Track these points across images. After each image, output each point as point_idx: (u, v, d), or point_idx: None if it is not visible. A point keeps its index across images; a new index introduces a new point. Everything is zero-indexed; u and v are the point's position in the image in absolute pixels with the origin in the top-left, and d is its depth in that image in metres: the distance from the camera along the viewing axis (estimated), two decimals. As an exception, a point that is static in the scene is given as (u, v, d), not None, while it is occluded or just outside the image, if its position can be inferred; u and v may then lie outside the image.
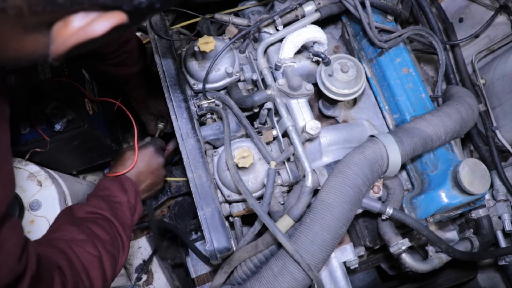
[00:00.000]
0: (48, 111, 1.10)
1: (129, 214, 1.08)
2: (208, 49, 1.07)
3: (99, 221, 0.99)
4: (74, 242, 0.89)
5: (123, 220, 1.05)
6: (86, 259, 0.88)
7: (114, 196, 1.08)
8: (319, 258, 0.92)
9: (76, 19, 0.47)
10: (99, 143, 1.28)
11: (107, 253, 0.94)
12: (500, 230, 1.26)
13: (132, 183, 1.15)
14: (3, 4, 0.43)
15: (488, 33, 1.42)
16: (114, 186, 1.11)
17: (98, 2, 0.46)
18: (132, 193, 1.13)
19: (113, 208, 1.05)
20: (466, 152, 1.48)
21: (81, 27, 0.48)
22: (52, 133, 1.12)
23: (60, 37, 0.48)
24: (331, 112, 1.26)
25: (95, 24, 0.48)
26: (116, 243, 0.99)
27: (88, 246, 0.90)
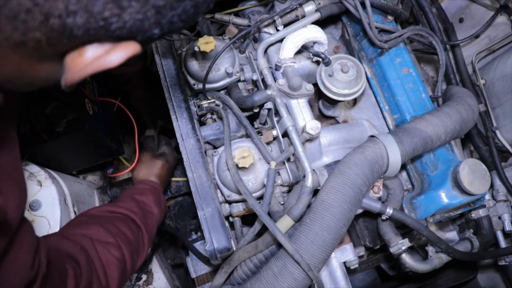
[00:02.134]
0: (48, 111, 1.10)
1: (155, 226, 1.12)
2: (208, 49, 1.07)
3: (129, 224, 1.02)
4: (99, 242, 0.91)
5: (150, 230, 1.07)
6: (108, 259, 0.89)
7: (149, 205, 1.12)
8: (319, 258, 0.92)
9: (90, 49, 0.49)
10: (99, 143, 1.28)
11: (130, 256, 0.95)
12: (500, 230, 1.26)
13: (164, 198, 1.21)
14: (24, 38, 0.45)
15: (488, 33, 1.42)
16: (150, 195, 1.15)
17: (113, 35, 0.48)
18: (163, 207, 1.18)
19: (145, 216, 1.08)
20: (466, 152, 1.48)
21: (97, 57, 0.49)
22: (52, 133, 1.12)
23: (76, 66, 0.50)
24: (331, 112, 1.26)
25: (111, 55, 0.49)
26: (138, 250, 1.01)
27: (112, 248, 0.91)
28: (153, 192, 1.17)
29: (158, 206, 1.14)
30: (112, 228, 0.96)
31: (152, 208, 1.12)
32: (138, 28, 0.48)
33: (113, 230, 0.96)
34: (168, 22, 0.49)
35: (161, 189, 1.22)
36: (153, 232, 1.10)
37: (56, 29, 0.45)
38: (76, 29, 0.45)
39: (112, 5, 0.44)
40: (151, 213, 1.11)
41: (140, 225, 1.04)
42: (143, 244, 1.03)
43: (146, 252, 1.04)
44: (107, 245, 0.91)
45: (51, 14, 0.43)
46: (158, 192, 1.19)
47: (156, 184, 1.21)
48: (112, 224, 0.98)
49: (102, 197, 1.42)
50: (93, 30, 0.46)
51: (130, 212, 1.04)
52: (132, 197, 1.11)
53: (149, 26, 0.48)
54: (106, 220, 1.00)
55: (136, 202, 1.09)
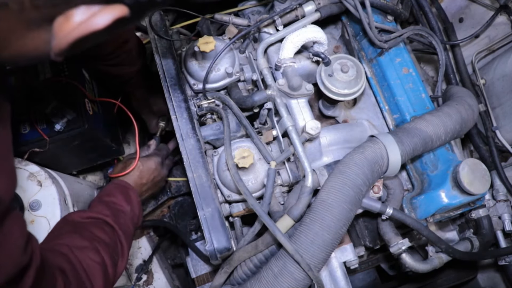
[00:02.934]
0: (48, 111, 1.10)
1: (130, 224, 1.09)
2: (208, 49, 1.07)
3: (103, 226, 1.00)
4: (76, 248, 0.89)
5: (125, 229, 1.05)
6: (89, 265, 0.88)
7: (119, 204, 1.10)
8: (319, 258, 0.92)
9: (78, 13, 0.47)
10: (99, 143, 1.28)
11: (110, 258, 0.94)
12: (500, 230, 1.26)
13: (136, 194, 1.17)
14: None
15: (488, 33, 1.42)
16: (119, 194, 1.12)
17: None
18: (136, 204, 1.14)
19: (116, 215, 1.06)
20: (466, 152, 1.48)
21: (83, 21, 0.47)
22: (52, 133, 1.12)
23: (62, 31, 0.48)
24: (331, 112, 1.26)
25: (97, 17, 0.48)
26: (116, 250, 1.00)
27: (90, 252, 0.90)
28: (121, 190, 1.14)
29: (129, 204, 1.11)
30: (86, 233, 0.95)
31: (122, 206, 1.09)
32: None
33: (87, 235, 0.95)
34: None
35: (130, 187, 1.18)
36: (129, 230, 1.07)
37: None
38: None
39: None
40: (122, 211, 1.08)
41: (113, 225, 1.02)
42: (121, 244, 1.02)
43: (127, 252, 1.03)
44: (85, 250, 0.90)
45: None
46: (126, 190, 1.16)
47: (123, 182, 1.18)
48: (86, 229, 0.96)
49: (102, 197, 1.41)
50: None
51: (101, 214, 1.02)
52: (101, 200, 1.10)
53: None
54: (79, 226, 0.98)
55: (105, 204, 1.08)
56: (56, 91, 1.15)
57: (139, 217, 1.15)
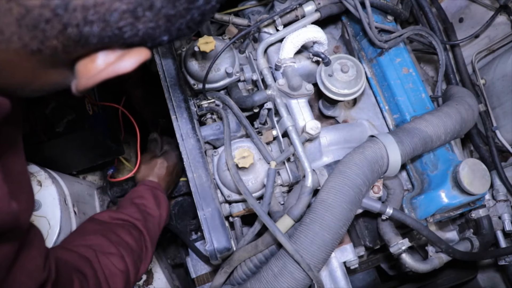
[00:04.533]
0: (48, 111, 1.10)
1: (157, 229, 1.10)
2: (208, 49, 1.07)
3: (131, 230, 1.01)
4: (102, 253, 0.90)
5: (152, 234, 1.06)
6: (111, 271, 0.89)
7: (149, 207, 1.10)
8: (319, 258, 0.92)
9: (101, 56, 0.50)
10: (99, 143, 1.28)
11: (133, 265, 0.95)
12: (500, 230, 1.26)
13: (165, 198, 1.18)
14: (41, 46, 0.46)
15: (488, 33, 1.42)
16: (150, 197, 1.13)
17: (126, 42, 0.49)
18: (165, 208, 1.15)
19: (146, 219, 1.06)
20: (466, 152, 1.48)
21: (109, 63, 0.51)
22: (52, 133, 1.12)
23: (88, 72, 0.51)
24: (331, 112, 1.26)
25: (124, 61, 0.51)
26: (141, 255, 1.00)
27: (115, 259, 0.91)
28: (151, 192, 1.15)
29: (158, 207, 1.13)
30: (113, 237, 0.96)
31: (152, 210, 1.11)
32: (150, 35, 0.50)
33: (115, 239, 0.95)
34: (176, 29, 0.51)
35: (161, 188, 1.20)
36: (155, 235, 1.09)
37: (72, 38, 0.46)
38: (92, 37, 0.47)
39: (128, 15, 0.46)
40: (152, 216, 1.10)
41: (142, 230, 1.03)
42: (146, 249, 1.03)
43: (150, 257, 1.04)
44: (110, 256, 0.91)
45: (69, 23, 0.44)
46: (157, 191, 1.17)
47: (154, 184, 1.20)
48: (114, 233, 0.97)
49: (102, 197, 1.42)
50: (107, 38, 0.47)
51: (131, 217, 1.03)
52: (132, 202, 1.10)
53: (160, 33, 0.50)
54: (107, 228, 0.99)
55: (136, 207, 1.08)
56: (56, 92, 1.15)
57: (166, 220, 1.16)
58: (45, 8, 0.42)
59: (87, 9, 0.44)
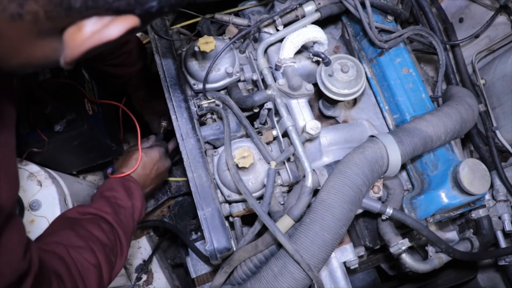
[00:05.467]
0: (48, 111, 1.10)
1: (131, 220, 1.06)
2: (208, 49, 1.07)
3: (101, 224, 0.98)
4: (72, 248, 0.88)
5: (125, 226, 1.03)
6: (84, 266, 0.86)
7: (120, 199, 1.06)
8: (319, 258, 0.92)
9: (89, 23, 0.48)
10: (99, 143, 1.28)
11: (106, 260, 0.92)
12: (500, 230, 1.26)
13: (138, 188, 1.13)
14: (20, 10, 0.44)
15: (488, 33, 1.42)
16: (120, 188, 1.09)
17: (112, 7, 0.48)
18: (138, 198, 1.11)
19: (117, 212, 1.03)
20: (466, 152, 1.48)
21: (96, 31, 0.49)
22: (51, 133, 1.12)
23: (75, 41, 0.49)
24: (331, 112, 1.26)
25: (110, 28, 0.49)
26: (115, 249, 0.97)
27: (86, 253, 0.88)
28: (122, 184, 1.10)
29: (130, 198, 1.08)
30: (82, 231, 0.93)
31: (123, 201, 1.06)
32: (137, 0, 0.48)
33: (84, 233, 0.92)
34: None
35: (133, 179, 1.14)
36: (129, 227, 1.04)
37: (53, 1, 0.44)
38: (74, 1, 0.45)
39: None
40: (123, 207, 1.05)
41: (113, 224, 0.99)
42: (120, 243, 0.99)
43: (126, 250, 1.00)
44: (80, 250, 0.88)
45: None
46: (128, 182, 1.12)
47: (127, 176, 1.15)
48: (83, 227, 0.94)
49: (102, 197, 1.41)
50: (91, 1, 0.46)
51: (101, 211, 1.00)
52: (102, 195, 1.07)
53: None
54: (76, 223, 0.96)
55: (105, 199, 1.04)
56: (55, 92, 1.15)
57: (142, 211, 1.11)
58: None
59: None
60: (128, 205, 1.07)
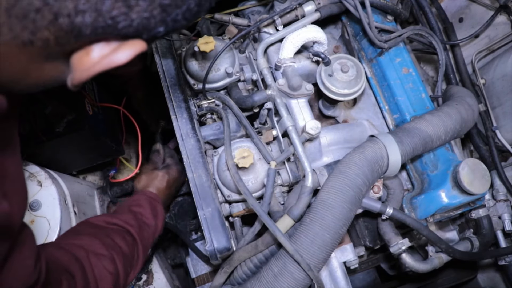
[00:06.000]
0: (48, 111, 1.10)
1: (151, 238, 1.09)
2: (208, 49, 1.07)
3: (126, 236, 1.00)
4: (94, 254, 0.89)
5: (145, 243, 1.05)
6: (101, 274, 0.88)
7: (146, 217, 1.09)
8: (319, 258, 0.92)
9: (97, 48, 0.49)
10: (99, 143, 1.28)
11: (124, 270, 0.94)
12: (500, 230, 1.26)
13: (162, 210, 1.17)
14: (32, 37, 0.45)
15: (488, 33, 1.42)
16: (147, 207, 1.12)
17: (120, 33, 0.48)
18: (161, 219, 1.14)
19: (141, 228, 1.05)
20: (466, 152, 1.48)
21: (104, 56, 0.50)
22: (51, 133, 1.12)
23: (83, 65, 0.50)
24: (331, 112, 1.26)
25: (118, 53, 0.50)
26: (132, 262, 0.99)
27: (106, 261, 0.90)
28: (150, 203, 1.14)
29: (154, 218, 1.11)
30: (107, 240, 0.95)
31: (148, 219, 1.10)
32: (144, 26, 0.49)
33: (108, 242, 0.94)
34: (172, 20, 0.50)
35: (159, 200, 1.19)
36: (148, 244, 1.08)
37: (64, 28, 0.45)
38: (84, 28, 0.46)
39: (120, 4, 0.45)
40: (147, 225, 1.08)
41: (136, 238, 1.02)
42: (138, 257, 1.01)
43: (140, 265, 1.03)
44: (101, 258, 0.90)
45: (60, 13, 0.43)
46: (155, 202, 1.16)
47: (153, 195, 1.19)
48: (108, 236, 0.96)
49: (102, 197, 1.41)
50: (100, 28, 0.46)
51: (127, 224, 1.02)
52: (129, 209, 1.09)
53: (155, 24, 0.49)
54: (101, 231, 0.98)
55: (133, 214, 1.07)
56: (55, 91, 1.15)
57: (161, 230, 1.15)
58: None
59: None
60: (152, 223, 1.10)
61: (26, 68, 0.50)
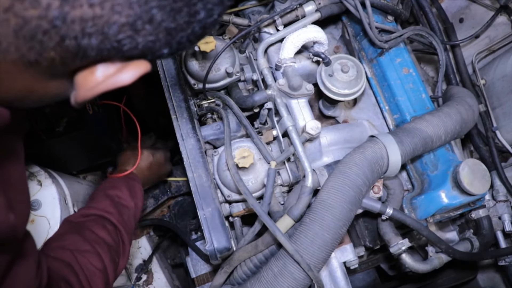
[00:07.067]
0: (48, 111, 1.10)
1: (133, 220, 1.08)
2: (208, 49, 1.07)
3: (106, 225, 0.99)
4: (79, 252, 0.89)
5: (127, 226, 1.04)
6: (90, 271, 0.88)
7: (123, 198, 1.08)
8: (319, 258, 0.92)
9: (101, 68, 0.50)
10: (99, 143, 1.28)
11: (111, 261, 0.93)
12: (500, 231, 1.26)
13: (140, 186, 1.15)
14: (38, 57, 0.45)
15: (488, 33, 1.42)
16: (123, 187, 1.10)
17: (125, 55, 0.49)
18: (140, 197, 1.12)
19: (120, 212, 1.04)
20: (466, 152, 1.48)
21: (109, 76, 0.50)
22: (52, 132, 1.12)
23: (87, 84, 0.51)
24: (331, 112, 1.26)
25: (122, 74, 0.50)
26: (119, 250, 0.99)
27: (92, 257, 0.90)
28: (126, 182, 1.12)
29: (133, 198, 1.09)
30: (88, 234, 0.94)
31: (126, 201, 1.08)
32: (150, 49, 0.49)
33: (90, 236, 0.94)
34: (177, 42, 0.50)
35: (137, 178, 1.16)
36: (131, 226, 1.06)
37: (70, 50, 0.46)
38: (90, 50, 0.46)
39: (127, 28, 0.45)
40: (126, 207, 1.07)
41: (116, 225, 1.00)
42: (123, 243, 1.00)
43: (128, 250, 1.02)
44: (86, 254, 0.90)
45: (67, 35, 0.44)
46: (133, 182, 1.14)
47: (130, 174, 1.16)
48: (88, 229, 0.95)
49: (102, 197, 1.41)
50: (106, 51, 0.47)
51: (105, 212, 1.01)
52: (105, 193, 1.07)
53: (160, 46, 0.50)
54: (81, 226, 0.97)
55: (110, 199, 1.05)
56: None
57: (141, 211, 1.13)
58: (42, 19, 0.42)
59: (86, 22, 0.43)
60: (131, 205, 1.08)
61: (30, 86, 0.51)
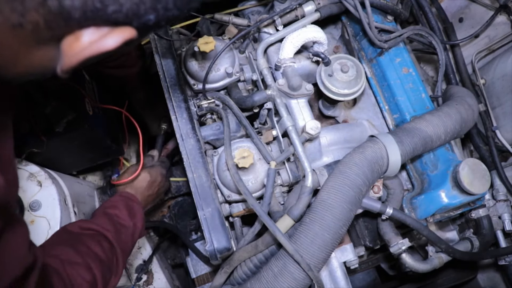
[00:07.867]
0: (48, 111, 1.10)
1: (130, 240, 1.07)
2: (208, 49, 1.07)
3: (102, 241, 0.97)
4: (69, 263, 0.87)
5: (124, 245, 1.03)
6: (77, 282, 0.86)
7: (122, 218, 1.07)
8: (319, 258, 0.92)
9: (87, 33, 0.50)
10: (99, 144, 1.28)
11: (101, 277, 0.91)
12: (500, 230, 1.26)
13: (140, 208, 1.14)
14: (22, 19, 0.45)
15: (488, 33, 1.42)
16: (123, 207, 1.10)
17: (110, 18, 0.48)
18: (139, 219, 1.11)
19: (118, 231, 1.03)
20: (466, 152, 1.48)
21: (93, 41, 0.50)
22: (52, 133, 1.12)
23: (72, 50, 0.50)
24: (331, 112, 1.26)
25: (107, 38, 0.50)
26: (111, 267, 0.97)
27: (81, 269, 0.88)
28: (125, 203, 1.12)
29: (132, 219, 1.09)
30: (81, 247, 0.93)
31: (125, 221, 1.07)
32: (134, 12, 0.49)
33: (82, 249, 0.92)
34: (163, 8, 0.50)
35: (136, 200, 1.16)
36: (128, 246, 1.05)
37: (53, 11, 0.45)
38: (74, 11, 0.46)
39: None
40: (124, 226, 1.06)
41: (112, 242, 0.99)
42: (117, 262, 0.99)
43: (121, 269, 1.00)
44: (76, 266, 0.87)
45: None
46: (132, 202, 1.14)
47: (129, 195, 1.16)
48: (82, 243, 0.94)
49: (102, 197, 1.41)
50: (90, 12, 0.46)
51: (102, 228, 1.00)
52: (104, 212, 1.07)
53: (145, 10, 0.49)
54: (76, 238, 0.96)
55: (108, 217, 1.05)
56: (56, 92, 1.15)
57: (141, 231, 1.12)
58: None
59: None
60: (130, 224, 1.08)
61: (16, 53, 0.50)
